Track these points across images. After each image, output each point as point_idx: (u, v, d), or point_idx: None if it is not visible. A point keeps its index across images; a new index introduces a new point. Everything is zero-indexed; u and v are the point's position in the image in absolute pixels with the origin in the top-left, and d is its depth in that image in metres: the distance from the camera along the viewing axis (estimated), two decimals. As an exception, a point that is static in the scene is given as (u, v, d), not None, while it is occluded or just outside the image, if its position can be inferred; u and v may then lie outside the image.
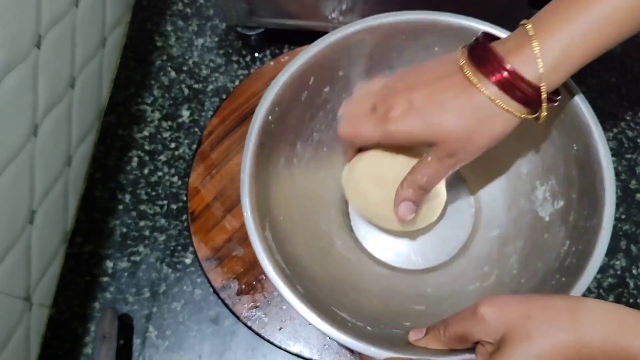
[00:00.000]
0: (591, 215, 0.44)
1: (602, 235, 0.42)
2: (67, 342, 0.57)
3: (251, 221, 0.44)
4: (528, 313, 0.35)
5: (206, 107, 0.67)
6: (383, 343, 0.41)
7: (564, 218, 0.48)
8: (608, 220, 0.42)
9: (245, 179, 0.46)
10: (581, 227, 0.45)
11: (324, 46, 0.50)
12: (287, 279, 0.43)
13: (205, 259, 0.57)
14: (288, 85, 0.50)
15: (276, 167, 0.51)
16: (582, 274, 0.42)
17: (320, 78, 0.52)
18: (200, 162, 0.61)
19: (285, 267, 0.45)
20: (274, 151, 0.50)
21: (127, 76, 0.69)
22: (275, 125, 0.49)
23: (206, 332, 0.57)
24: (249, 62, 0.69)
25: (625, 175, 0.63)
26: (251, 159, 0.47)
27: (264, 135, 0.48)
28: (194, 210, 0.59)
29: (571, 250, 0.45)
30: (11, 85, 0.38)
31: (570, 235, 0.46)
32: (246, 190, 0.45)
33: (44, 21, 0.42)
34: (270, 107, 0.49)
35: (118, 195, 0.63)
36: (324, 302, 0.45)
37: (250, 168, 0.46)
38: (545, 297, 0.37)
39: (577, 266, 0.43)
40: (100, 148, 0.65)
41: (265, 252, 0.44)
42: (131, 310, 0.58)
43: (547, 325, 0.35)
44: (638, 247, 0.59)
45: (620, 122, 0.65)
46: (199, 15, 0.72)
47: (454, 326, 0.39)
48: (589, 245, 0.42)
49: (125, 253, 0.60)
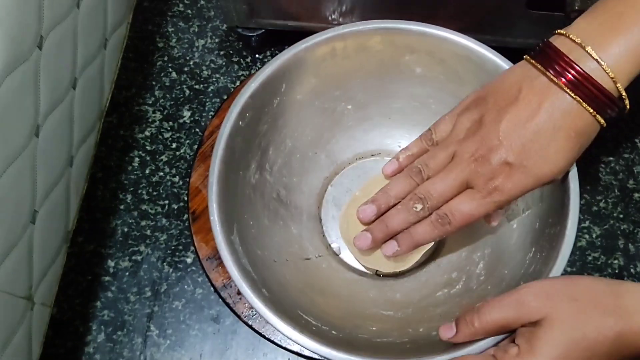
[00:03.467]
0: (556, 222, 0.44)
1: (565, 242, 0.42)
2: (68, 341, 0.57)
3: (217, 225, 0.45)
4: (574, 296, 0.35)
5: (207, 108, 0.67)
6: (347, 347, 0.41)
7: (531, 225, 0.48)
8: (571, 228, 0.42)
9: (213, 183, 0.46)
10: (546, 234, 0.45)
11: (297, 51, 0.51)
12: (252, 282, 0.44)
13: (206, 258, 0.58)
14: (259, 92, 0.50)
15: (247, 172, 0.51)
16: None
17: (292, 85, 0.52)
18: (201, 163, 0.62)
19: (251, 271, 0.45)
20: (244, 156, 0.50)
21: (128, 77, 0.69)
22: (246, 130, 0.50)
23: (207, 331, 0.57)
24: (250, 63, 0.70)
25: (623, 174, 0.63)
26: (220, 163, 0.47)
27: (234, 140, 0.49)
28: (195, 210, 0.60)
29: (536, 257, 0.45)
30: (13, 86, 0.39)
31: (536, 242, 0.46)
32: (214, 194, 0.46)
33: (45, 22, 0.43)
34: (240, 112, 0.49)
35: (119, 195, 0.63)
36: (290, 306, 0.45)
37: (219, 172, 0.47)
38: (587, 280, 0.37)
39: (541, 272, 0.43)
40: (101, 148, 0.65)
41: (230, 255, 0.44)
42: (132, 309, 0.58)
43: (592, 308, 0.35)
44: (636, 246, 0.59)
45: (618, 122, 0.65)
46: (199, 16, 0.73)
47: (494, 314, 0.37)
48: (553, 252, 0.43)
49: (127, 252, 0.61)
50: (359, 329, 0.47)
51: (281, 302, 0.45)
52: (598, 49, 0.37)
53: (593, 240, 0.60)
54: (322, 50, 0.51)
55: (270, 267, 0.49)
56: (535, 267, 0.44)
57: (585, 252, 0.60)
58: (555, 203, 0.45)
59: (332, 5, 0.59)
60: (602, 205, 0.62)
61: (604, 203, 0.62)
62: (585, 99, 0.38)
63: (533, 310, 0.36)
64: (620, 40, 0.37)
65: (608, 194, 0.62)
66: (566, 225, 0.43)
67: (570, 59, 0.38)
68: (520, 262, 0.47)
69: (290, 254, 0.52)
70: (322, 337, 0.42)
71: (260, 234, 0.50)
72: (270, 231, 0.52)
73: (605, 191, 0.62)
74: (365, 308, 0.50)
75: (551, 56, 0.39)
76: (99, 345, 0.57)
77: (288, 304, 0.45)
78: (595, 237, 0.60)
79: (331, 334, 0.44)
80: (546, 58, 0.39)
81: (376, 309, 0.50)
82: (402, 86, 0.55)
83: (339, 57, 0.52)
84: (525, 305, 0.36)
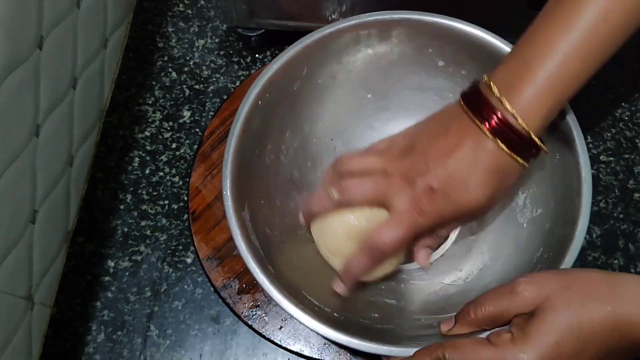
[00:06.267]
0: (566, 224, 0.44)
1: (573, 244, 0.43)
2: (68, 342, 0.57)
3: (229, 198, 0.46)
4: (567, 285, 0.36)
5: (207, 108, 0.67)
6: (348, 330, 0.41)
7: (541, 225, 0.48)
8: (581, 231, 0.43)
9: (228, 158, 0.46)
10: (555, 235, 0.45)
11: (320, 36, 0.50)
12: (259, 258, 0.44)
13: (206, 258, 0.58)
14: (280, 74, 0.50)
15: (263, 152, 0.51)
16: None
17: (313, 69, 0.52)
18: (201, 163, 0.62)
19: (259, 247, 0.45)
20: (261, 136, 0.51)
21: (128, 77, 0.69)
22: (264, 110, 0.50)
23: (207, 331, 0.57)
24: (250, 63, 0.70)
25: (624, 174, 0.63)
26: (236, 140, 0.47)
27: (252, 119, 0.49)
28: (195, 210, 0.60)
29: (543, 257, 0.45)
30: (13, 85, 0.39)
31: (544, 243, 0.46)
32: (228, 170, 0.46)
33: (45, 22, 0.43)
34: (260, 92, 0.49)
35: (119, 195, 0.63)
36: (295, 285, 0.45)
37: (235, 148, 0.47)
38: (582, 271, 0.37)
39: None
40: (101, 148, 0.65)
41: (240, 229, 0.44)
42: (132, 309, 0.58)
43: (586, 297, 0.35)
44: (636, 246, 0.60)
45: (618, 123, 0.66)
46: (199, 16, 0.73)
47: (489, 306, 0.38)
48: (560, 254, 0.43)
49: (127, 252, 0.61)
50: (361, 314, 0.47)
51: (286, 281, 0.45)
52: (512, 99, 0.40)
53: (593, 240, 0.60)
54: (346, 37, 0.51)
55: (279, 247, 0.49)
56: (541, 267, 0.45)
57: (585, 252, 0.60)
58: (567, 204, 0.45)
59: (332, 5, 0.59)
60: (602, 205, 0.62)
61: (604, 203, 0.62)
62: (505, 142, 0.40)
63: (527, 300, 0.36)
64: (529, 89, 0.39)
65: (608, 194, 0.62)
66: (576, 227, 0.43)
67: (493, 106, 0.40)
68: (527, 261, 0.47)
69: (300, 237, 0.52)
70: (323, 317, 0.42)
71: (271, 213, 0.51)
72: (281, 212, 0.52)
73: (606, 191, 0.62)
74: (369, 295, 0.50)
75: (477, 102, 0.41)
76: (99, 345, 0.57)
77: (293, 283, 0.45)
78: (595, 237, 0.60)
79: (333, 316, 0.45)
80: (474, 103, 0.42)
81: (380, 296, 0.50)
82: (423, 78, 0.54)
83: (362, 45, 0.52)
84: (519, 295, 0.37)
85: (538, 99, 0.39)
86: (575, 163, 0.45)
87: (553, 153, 0.47)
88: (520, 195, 0.51)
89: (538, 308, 0.35)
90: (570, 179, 0.45)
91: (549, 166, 0.48)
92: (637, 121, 0.65)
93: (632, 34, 0.39)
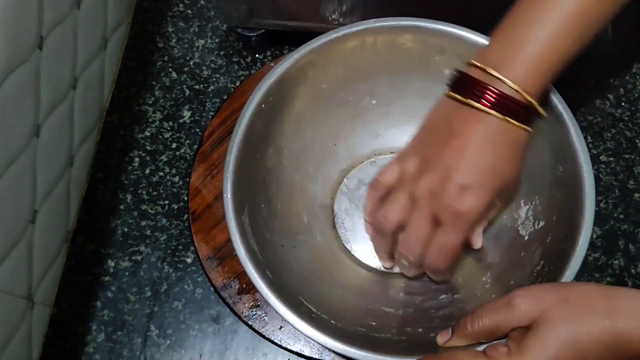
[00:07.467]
0: (567, 238, 0.44)
1: (574, 258, 0.42)
2: (68, 341, 0.57)
3: (229, 202, 0.45)
4: (565, 298, 0.35)
5: (207, 108, 0.67)
6: (344, 338, 0.41)
7: (542, 238, 0.48)
8: (582, 244, 0.43)
9: (229, 161, 0.46)
10: (556, 249, 0.45)
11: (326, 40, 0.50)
12: (257, 262, 0.44)
13: (206, 258, 0.58)
14: (284, 77, 0.50)
15: (264, 155, 0.51)
16: None
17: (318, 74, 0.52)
18: (201, 163, 0.62)
19: (257, 252, 0.45)
20: (263, 139, 0.50)
21: (128, 77, 0.69)
22: (268, 114, 0.50)
23: (207, 331, 0.57)
24: (250, 63, 0.70)
25: (624, 175, 0.63)
26: (238, 143, 0.47)
27: (255, 122, 0.49)
28: (195, 210, 0.60)
29: (544, 270, 0.45)
30: (13, 86, 0.39)
31: (545, 256, 0.46)
32: (229, 173, 0.46)
33: (45, 22, 0.43)
34: (264, 95, 0.49)
35: (119, 195, 0.63)
36: (293, 291, 0.45)
37: (237, 151, 0.47)
38: (580, 284, 0.37)
39: None
40: (101, 148, 0.65)
41: (239, 233, 0.44)
42: (132, 309, 0.58)
43: (584, 310, 0.34)
44: (636, 247, 0.60)
45: (618, 123, 0.66)
46: (199, 16, 0.73)
47: (486, 319, 0.38)
48: (561, 267, 0.42)
49: (127, 252, 0.61)
50: (358, 322, 0.47)
51: (284, 286, 0.45)
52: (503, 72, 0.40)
53: (593, 241, 0.60)
54: (352, 43, 0.51)
55: (277, 251, 0.49)
56: (541, 281, 0.44)
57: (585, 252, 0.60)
58: (569, 218, 0.45)
59: (332, 6, 0.59)
60: (603, 205, 0.62)
61: (604, 203, 0.62)
62: (509, 114, 0.40)
63: (524, 313, 0.36)
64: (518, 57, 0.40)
65: (608, 195, 0.62)
66: (577, 242, 0.43)
67: (483, 82, 0.40)
68: (527, 274, 0.46)
69: (299, 241, 0.52)
70: (320, 324, 0.42)
71: (271, 217, 0.50)
72: (282, 216, 0.52)
73: (606, 192, 0.62)
74: (367, 302, 0.50)
75: (468, 84, 0.41)
76: (99, 345, 0.57)
77: (290, 289, 0.45)
78: (595, 238, 0.60)
79: (330, 323, 0.45)
80: (464, 87, 0.42)
81: (378, 304, 0.50)
82: (428, 86, 0.54)
83: (368, 51, 0.52)
84: (516, 308, 0.36)
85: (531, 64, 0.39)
86: (578, 176, 0.45)
87: (556, 165, 0.47)
88: (523, 207, 0.50)
89: (535, 322, 0.35)
90: (571, 192, 0.45)
91: (552, 179, 0.48)
92: (637, 121, 0.65)
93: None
